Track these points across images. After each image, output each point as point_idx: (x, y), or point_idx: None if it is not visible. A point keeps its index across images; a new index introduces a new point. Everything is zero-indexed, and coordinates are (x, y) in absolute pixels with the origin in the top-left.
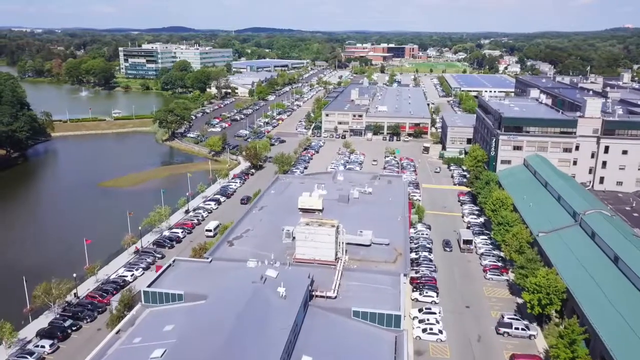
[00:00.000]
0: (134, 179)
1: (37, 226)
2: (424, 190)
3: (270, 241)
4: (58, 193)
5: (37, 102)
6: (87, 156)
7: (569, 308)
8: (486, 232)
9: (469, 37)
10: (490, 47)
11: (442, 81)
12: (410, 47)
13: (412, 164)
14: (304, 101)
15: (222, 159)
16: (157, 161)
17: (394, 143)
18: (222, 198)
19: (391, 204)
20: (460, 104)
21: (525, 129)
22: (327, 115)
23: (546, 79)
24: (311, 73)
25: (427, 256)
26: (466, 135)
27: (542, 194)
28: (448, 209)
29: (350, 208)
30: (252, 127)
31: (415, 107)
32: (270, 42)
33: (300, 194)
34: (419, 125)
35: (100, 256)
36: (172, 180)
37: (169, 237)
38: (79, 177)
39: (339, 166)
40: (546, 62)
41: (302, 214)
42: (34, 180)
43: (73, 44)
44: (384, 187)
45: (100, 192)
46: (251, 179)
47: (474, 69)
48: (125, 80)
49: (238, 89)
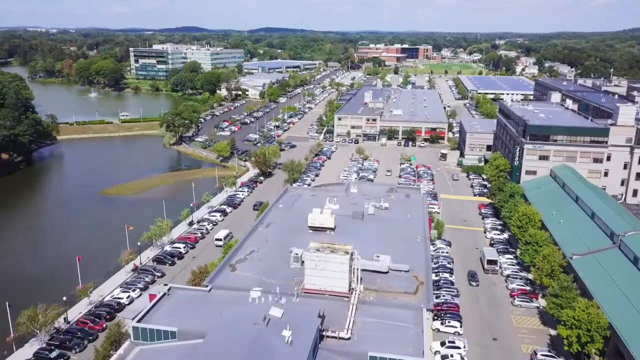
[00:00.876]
0: (138, 186)
1: (29, 240)
2: (443, 201)
3: (276, 265)
4: (57, 202)
5: (45, 103)
6: (91, 161)
7: (613, 346)
8: (511, 251)
9: (484, 37)
10: (505, 48)
11: (457, 83)
12: (424, 48)
13: (429, 172)
14: (315, 104)
15: (230, 165)
16: (163, 167)
17: (410, 149)
18: (228, 209)
19: (410, 222)
20: (477, 107)
21: (552, 137)
22: (339, 119)
23: (567, 82)
24: (323, 74)
25: (448, 278)
26: (486, 141)
27: (573, 209)
28: (469, 222)
29: (365, 226)
30: (262, 131)
31: (432, 111)
32: (283, 42)
33: (310, 208)
34: (435, 130)
35: (95, 275)
36: (177, 188)
37: (170, 253)
38: (80, 184)
39: (351, 174)
40: (565, 64)
41: (312, 232)
42: (34, 188)
43: (86, 44)
44: (401, 202)
45: (102, 201)
46: (260, 188)
47: (490, 71)
48: (135, 81)
49: (249, 90)
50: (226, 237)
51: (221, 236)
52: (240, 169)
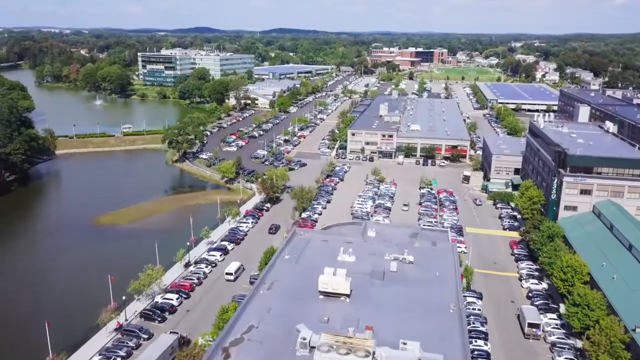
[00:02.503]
0: (134, 214)
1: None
2: (468, 236)
3: (280, 351)
4: (44, 233)
5: (48, 111)
6: (88, 180)
7: None
8: (553, 307)
9: (498, 38)
10: (523, 52)
11: (475, 91)
12: (439, 52)
13: (452, 199)
14: (327, 114)
15: (235, 187)
16: (163, 188)
17: (429, 168)
18: (230, 245)
19: (440, 282)
20: (497, 118)
21: (596, 169)
22: (353, 135)
23: (595, 93)
24: (336, 80)
25: (483, 348)
26: (514, 164)
27: (627, 260)
28: (500, 265)
29: (387, 290)
30: (270, 146)
31: (452, 126)
32: (295, 45)
33: (321, 260)
34: (456, 148)
35: (70, 339)
36: (175, 216)
37: (160, 307)
38: (73, 209)
39: (366, 200)
40: (587, 70)
41: (323, 298)
42: (21, 215)
43: (97, 45)
44: (427, 252)
45: (93, 232)
46: (266, 216)
47: (508, 76)
48: (142, 88)
49: (258, 99)
50: (237, 271)
51: (232, 270)
52: (245, 192)
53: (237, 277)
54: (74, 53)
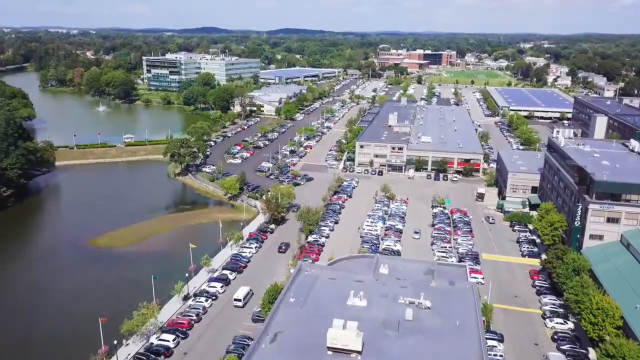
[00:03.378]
0: (133, 234)
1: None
2: (485, 263)
3: None
4: (36, 257)
5: (50, 118)
6: (86, 195)
7: None
8: (582, 353)
9: (507, 39)
10: (532, 54)
11: (486, 96)
12: (447, 54)
13: (466, 220)
14: (335, 122)
15: (238, 204)
16: (164, 204)
17: (441, 183)
18: (231, 275)
19: (460, 334)
20: (509, 126)
21: (625, 196)
22: (361, 147)
23: (611, 101)
24: (343, 84)
25: None
26: (531, 182)
27: None
28: (521, 299)
29: (402, 343)
30: (275, 158)
31: (464, 137)
32: (301, 47)
33: (329, 304)
34: (469, 162)
35: None
36: (175, 238)
37: (154, 350)
38: (69, 228)
39: (376, 222)
40: (600, 74)
41: (332, 354)
42: (15, 234)
43: (103, 47)
44: (445, 295)
45: (89, 255)
46: (270, 239)
47: (519, 80)
48: (146, 93)
49: (264, 106)
50: (246, 296)
51: (240, 296)
52: (249, 210)
53: (245, 302)
54: (79, 56)
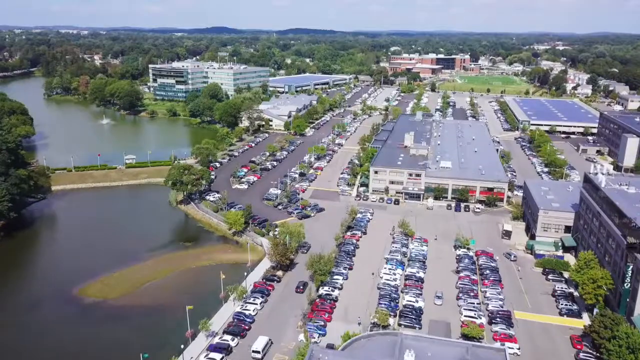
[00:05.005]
0: (127, 281)
1: None
2: (519, 325)
3: None
4: (19, 308)
5: (50, 132)
6: (81, 228)
7: None
8: None
9: (520, 40)
10: (548, 57)
11: (503, 107)
12: (460, 58)
13: (493, 265)
14: (346, 138)
15: (243, 241)
16: (163, 240)
17: (462, 215)
18: (232, 341)
19: None
20: (531, 142)
21: None
22: (376, 173)
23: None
24: (354, 92)
25: None
26: (564, 221)
27: None
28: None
29: None
30: (284, 182)
31: (485, 161)
32: (311, 50)
33: None
34: (492, 191)
35: None
36: (173, 286)
37: None
38: (59, 270)
39: (395, 267)
40: (621, 83)
41: None
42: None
43: (112, 50)
44: None
45: (77, 309)
46: (277, 291)
47: (536, 88)
48: (152, 104)
49: (272, 120)
50: (265, 347)
51: (259, 347)
52: (254, 249)
53: (264, 354)
54: (86, 61)
